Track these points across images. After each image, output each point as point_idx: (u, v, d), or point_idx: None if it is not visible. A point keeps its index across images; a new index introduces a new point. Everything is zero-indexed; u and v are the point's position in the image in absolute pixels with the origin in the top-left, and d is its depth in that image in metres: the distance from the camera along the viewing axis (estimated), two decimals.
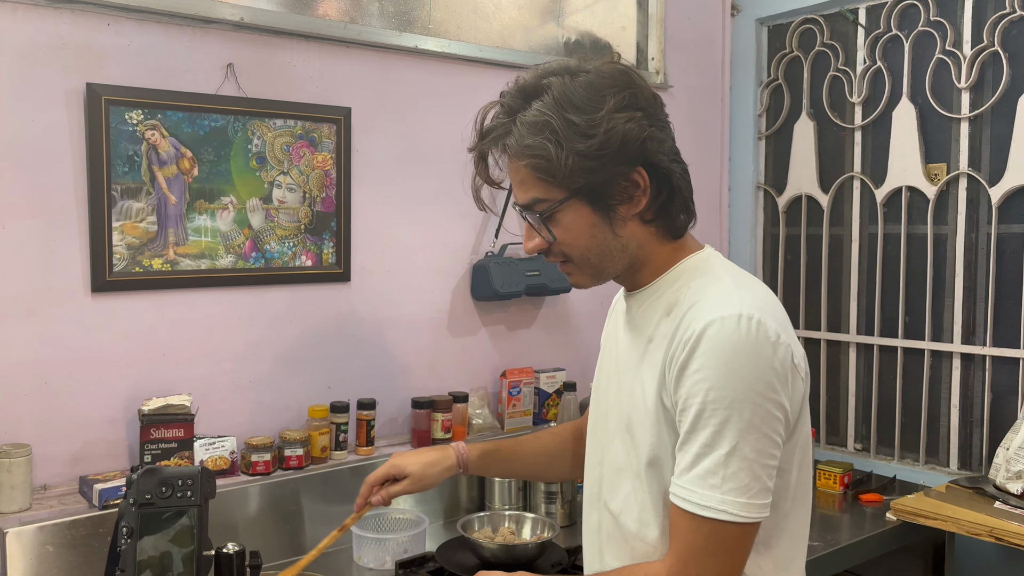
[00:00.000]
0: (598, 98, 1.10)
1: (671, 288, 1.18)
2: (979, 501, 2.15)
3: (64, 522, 1.67)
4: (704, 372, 1.05)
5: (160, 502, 1.29)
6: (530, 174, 1.14)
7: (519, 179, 1.16)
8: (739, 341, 1.05)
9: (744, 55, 2.95)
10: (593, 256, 1.17)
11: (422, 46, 2.24)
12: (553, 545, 1.91)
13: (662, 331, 1.15)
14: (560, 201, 1.14)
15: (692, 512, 1.06)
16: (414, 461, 1.48)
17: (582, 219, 1.15)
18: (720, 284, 1.14)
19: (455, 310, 2.38)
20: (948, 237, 2.49)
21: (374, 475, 1.49)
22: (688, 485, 1.07)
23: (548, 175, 1.12)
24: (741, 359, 1.04)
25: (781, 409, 1.07)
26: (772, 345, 1.06)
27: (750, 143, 2.94)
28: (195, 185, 1.92)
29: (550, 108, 1.10)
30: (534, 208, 1.16)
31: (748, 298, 1.10)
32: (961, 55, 2.43)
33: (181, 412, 1.84)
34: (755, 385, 1.04)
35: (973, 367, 2.46)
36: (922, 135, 2.53)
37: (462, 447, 1.50)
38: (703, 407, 1.05)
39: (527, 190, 1.15)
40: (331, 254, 2.13)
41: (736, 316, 1.06)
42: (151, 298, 1.89)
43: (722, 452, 1.04)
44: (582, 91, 1.11)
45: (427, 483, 1.48)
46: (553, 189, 1.13)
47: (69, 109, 1.78)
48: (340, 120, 2.11)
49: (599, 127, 1.09)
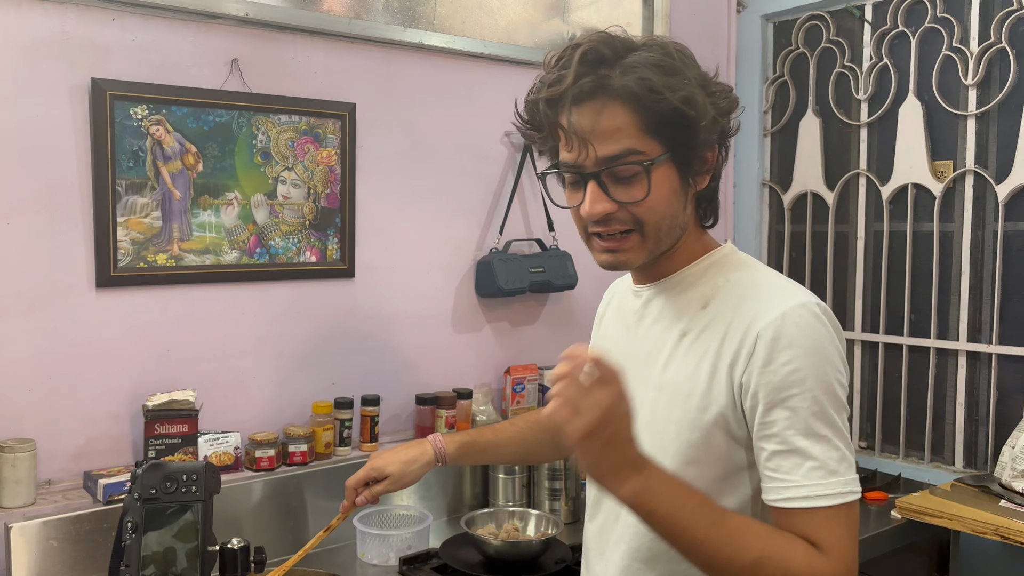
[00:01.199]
0: (695, 65, 1.09)
1: (702, 280, 1.15)
2: (984, 499, 2.15)
3: (68, 517, 1.67)
4: (796, 363, 1.03)
5: (165, 497, 1.29)
6: (632, 120, 1.04)
7: (614, 126, 1.04)
8: (819, 328, 1.05)
9: (750, 51, 2.94)
10: (664, 226, 1.10)
11: (427, 42, 2.23)
12: (557, 542, 1.91)
13: (700, 325, 1.11)
14: (658, 157, 1.06)
15: (827, 506, 1.02)
16: (393, 460, 1.49)
17: (668, 183, 1.08)
18: (768, 277, 1.14)
19: (459, 306, 2.37)
20: (954, 234, 2.48)
21: (354, 478, 1.50)
22: (809, 481, 1.02)
23: (653, 124, 1.04)
24: (826, 344, 1.05)
25: (846, 382, 1.08)
26: (836, 327, 1.08)
27: (755, 140, 2.93)
28: (199, 180, 1.92)
29: (682, 61, 1.05)
30: (627, 159, 1.05)
31: (800, 288, 1.11)
32: (968, 52, 2.42)
33: (185, 408, 1.84)
34: (837, 366, 1.06)
35: (979, 365, 2.45)
36: (928, 132, 2.52)
37: (439, 440, 1.50)
38: (802, 397, 1.03)
39: (620, 139, 1.04)
40: (335, 250, 2.12)
41: (809, 304, 1.07)
42: (155, 293, 1.89)
43: (829, 436, 1.03)
44: (679, 55, 1.07)
45: (407, 481, 1.49)
46: (652, 143, 1.05)
47: (74, 104, 1.77)
48: (345, 116, 2.10)
49: (709, 87, 1.08)
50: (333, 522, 1.54)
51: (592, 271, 2.55)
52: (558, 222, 2.49)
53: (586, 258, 2.65)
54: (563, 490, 2.16)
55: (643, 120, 1.04)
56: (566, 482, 2.16)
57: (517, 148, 2.44)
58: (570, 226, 2.55)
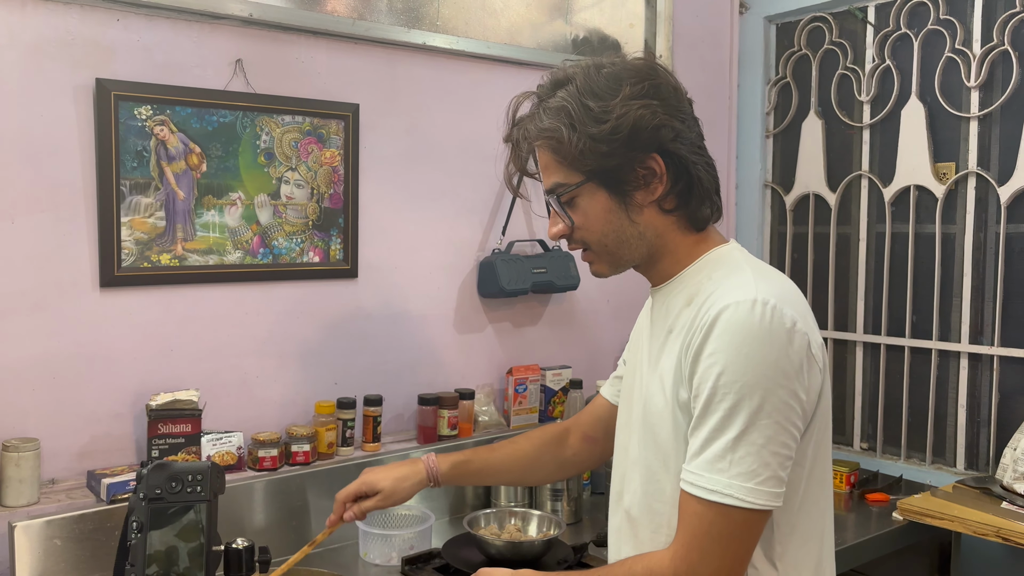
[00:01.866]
0: (616, 86, 1.14)
1: (693, 280, 1.19)
2: (986, 501, 2.15)
3: (72, 516, 1.67)
4: (716, 356, 1.06)
5: (170, 497, 1.29)
6: (551, 158, 1.18)
7: (543, 164, 1.21)
8: (752, 325, 1.05)
9: (752, 53, 2.94)
10: (610, 242, 1.19)
11: (430, 43, 2.24)
12: (559, 542, 1.91)
13: (681, 322, 1.16)
14: (576, 185, 1.17)
15: (698, 496, 1.06)
16: (385, 477, 1.50)
17: (598, 203, 1.18)
18: (740, 273, 1.14)
19: (462, 307, 2.38)
20: (956, 236, 2.49)
21: (345, 492, 1.51)
22: (696, 470, 1.07)
23: (564, 157, 1.17)
24: (754, 344, 1.04)
25: (796, 399, 1.06)
26: (787, 332, 1.06)
27: (758, 141, 2.94)
28: (203, 181, 1.92)
29: (571, 95, 1.15)
30: (555, 192, 1.20)
31: (765, 286, 1.10)
32: (971, 54, 2.42)
33: (188, 407, 1.84)
34: (768, 371, 1.04)
35: (981, 367, 2.45)
36: (931, 134, 2.52)
37: (432, 460, 1.52)
38: (714, 391, 1.05)
39: (550, 175, 1.20)
40: (338, 250, 2.13)
41: (751, 301, 1.06)
42: (159, 293, 1.89)
43: (730, 436, 1.04)
44: (603, 80, 1.15)
45: (398, 498, 1.51)
46: (571, 173, 1.17)
47: (78, 104, 1.78)
48: (348, 116, 2.10)
49: (612, 112, 1.13)
50: (319, 536, 1.54)
51: None
52: None
53: None
54: (565, 491, 2.16)
55: (558, 154, 1.17)
56: (568, 483, 2.16)
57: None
58: None
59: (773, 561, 1.12)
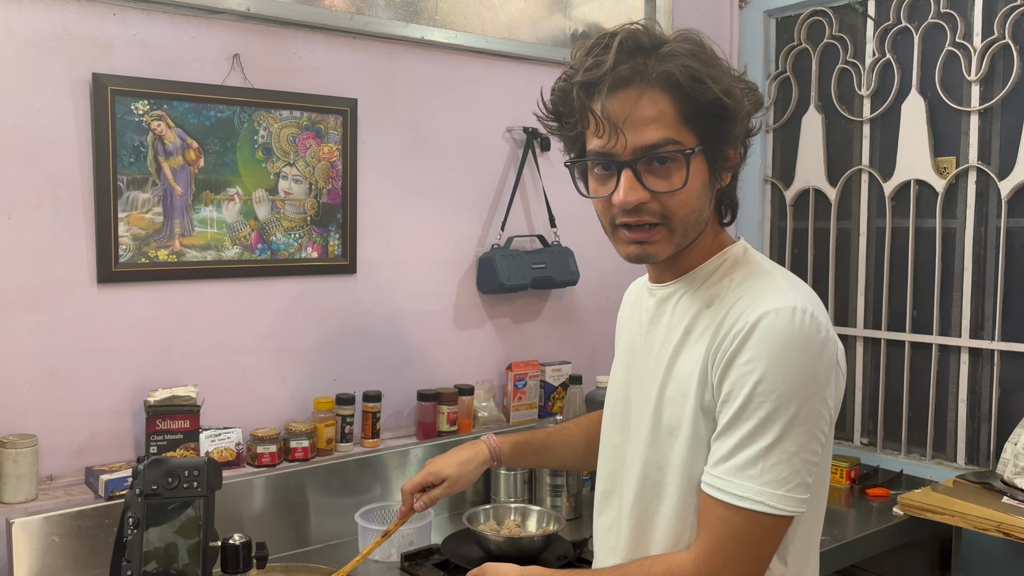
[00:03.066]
0: (723, 65, 1.09)
1: (710, 279, 1.15)
2: (987, 496, 2.15)
3: (70, 512, 1.67)
4: (754, 363, 1.03)
5: (166, 493, 1.29)
6: (672, 109, 1.04)
7: (653, 114, 1.04)
8: (792, 334, 1.03)
9: (752, 47, 2.93)
10: (692, 220, 1.10)
11: (429, 37, 2.23)
12: (559, 538, 1.91)
13: (703, 323, 1.12)
14: (694, 149, 1.06)
15: (726, 502, 1.04)
16: (449, 463, 1.48)
17: (701, 176, 1.09)
18: (769, 277, 1.12)
19: (461, 303, 2.37)
20: (957, 231, 2.48)
21: (411, 482, 1.50)
22: (724, 475, 1.05)
23: (689, 113, 1.04)
24: (793, 352, 1.03)
25: (826, 406, 1.05)
26: (823, 341, 1.05)
27: (758, 136, 2.91)
28: (201, 176, 1.91)
29: (692, 55, 1.05)
30: (664, 148, 1.05)
31: (800, 293, 1.08)
32: (971, 47, 2.41)
33: (187, 403, 1.84)
34: (805, 380, 1.03)
35: (981, 362, 2.44)
36: (931, 128, 2.51)
37: (494, 441, 1.50)
38: (750, 398, 1.03)
39: (659, 128, 1.04)
40: (337, 246, 2.12)
41: (791, 308, 1.04)
42: (157, 289, 1.89)
43: (764, 444, 1.02)
44: (709, 55, 1.08)
45: (465, 483, 1.49)
46: (688, 134, 1.06)
47: (75, 99, 1.77)
48: (346, 111, 2.10)
49: (737, 85, 1.08)
50: (391, 527, 1.54)
51: (594, 267, 2.56)
52: (560, 218, 2.49)
53: (588, 254, 2.66)
54: (565, 486, 2.16)
55: (682, 109, 1.05)
56: (568, 478, 2.16)
57: (519, 144, 2.44)
58: (572, 222, 2.56)
59: (785, 559, 1.12)
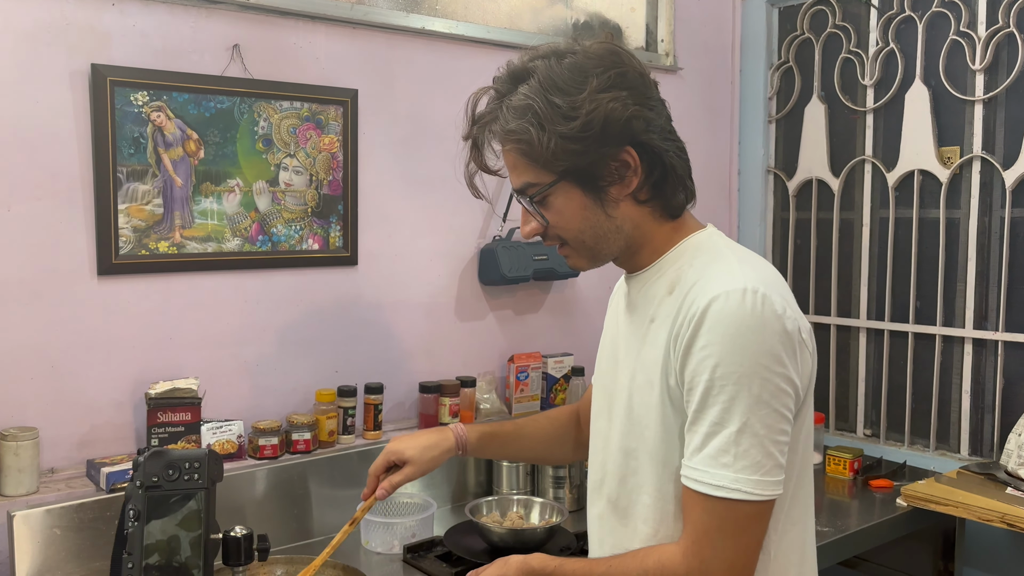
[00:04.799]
0: (582, 79, 1.10)
1: (672, 267, 1.17)
2: (990, 487, 2.14)
3: (71, 505, 1.66)
4: (710, 348, 1.04)
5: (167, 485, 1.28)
6: (519, 159, 1.14)
7: (511, 164, 1.16)
8: (744, 315, 1.03)
9: (754, 37, 2.91)
10: (588, 238, 1.16)
11: (429, 27, 2.22)
12: (561, 530, 1.90)
13: (664, 310, 1.13)
14: (549, 184, 1.13)
15: (705, 493, 1.05)
16: (412, 446, 1.44)
17: (573, 202, 1.14)
18: (723, 261, 1.12)
19: (462, 294, 2.36)
20: (961, 221, 2.47)
21: (376, 465, 1.45)
22: (699, 466, 1.05)
23: (534, 159, 1.12)
24: (747, 333, 1.03)
25: (790, 383, 1.05)
26: (779, 318, 1.05)
27: (760, 126, 2.91)
28: (201, 167, 1.91)
29: (534, 91, 1.10)
30: (526, 192, 1.16)
31: (752, 273, 1.08)
32: (976, 36, 2.39)
33: (188, 396, 1.83)
34: (762, 359, 1.03)
35: (985, 352, 2.43)
36: (935, 118, 2.50)
37: (461, 429, 1.47)
38: (711, 384, 1.04)
39: (519, 175, 1.16)
40: (338, 237, 2.11)
41: (741, 290, 1.05)
42: (157, 281, 1.88)
43: (732, 429, 1.03)
44: (567, 73, 1.10)
45: (428, 467, 1.45)
46: (542, 172, 1.13)
47: (74, 90, 1.76)
48: (347, 102, 2.09)
49: (581, 108, 1.08)
50: (357, 514, 1.46)
51: None
52: None
53: None
54: (567, 478, 2.15)
55: (528, 154, 1.12)
56: (570, 470, 2.15)
57: None
58: None
59: (768, 548, 1.11)
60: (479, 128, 1.17)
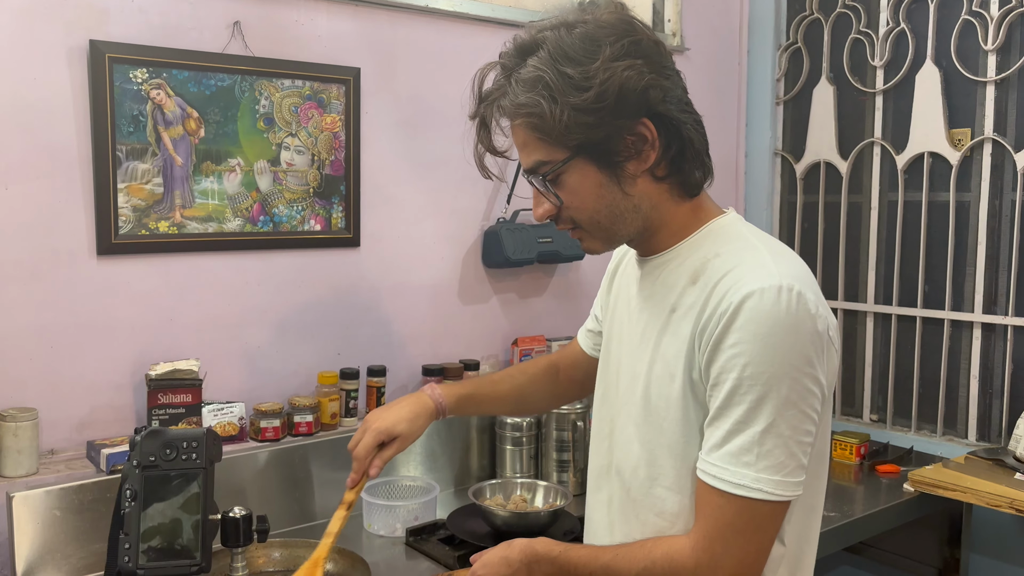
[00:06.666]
0: (594, 48, 1.05)
1: (695, 254, 1.12)
2: (998, 472, 2.12)
3: (71, 486, 1.65)
4: (741, 347, 1.01)
5: (164, 465, 1.27)
6: (530, 135, 1.09)
7: (521, 142, 1.12)
8: (779, 315, 1.00)
9: (762, 17, 2.87)
10: (603, 219, 1.12)
11: (433, 5, 2.18)
12: (566, 513, 1.89)
13: (688, 300, 1.09)
14: (563, 161, 1.09)
15: (723, 490, 1.02)
16: (399, 419, 1.39)
17: (588, 179, 1.10)
18: (755, 252, 1.08)
19: (466, 277, 2.34)
20: (971, 204, 2.44)
21: (364, 446, 1.38)
22: (719, 462, 1.03)
23: (546, 134, 1.07)
24: (781, 333, 1.00)
25: (818, 384, 1.03)
26: (812, 318, 1.02)
27: (768, 108, 2.88)
28: (201, 146, 1.88)
29: (544, 63, 1.06)
30: (538, 171, 1.11)
31: (785, 268, 1.05)
32: (988, 16, 2.36)
33: (189, 377, 1.81)
34: (794, 360, 1.00)
35: (994, 337, 2.41)
36: (946, 99, 2.46)
37: (438, 393, 1.45)
38: (739, 383, 1.01)
39: (530, 153, 1.11)
40: (340, 218, 2.09)
41: (776, 288, 1.01)
42: (157, 261, 1.86)
43: (757, 429, 1.00)
44: (578, 42, 1.06)
45: (414, 439, 1.43)
46: (555, 149, 1.08)
47: (72, 67, 1.74)
48: (349, 81, 2.06)
49: (595, 78, 1.04)
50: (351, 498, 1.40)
51: None
52: None
53: None
54: (571, 461, 2.14)
55: (540, 130, 1.08)
56: (574, 453, 2.14)
57: None
58: None
59: (782, 539, 1.10)
60: (487, 105, 1.13)
